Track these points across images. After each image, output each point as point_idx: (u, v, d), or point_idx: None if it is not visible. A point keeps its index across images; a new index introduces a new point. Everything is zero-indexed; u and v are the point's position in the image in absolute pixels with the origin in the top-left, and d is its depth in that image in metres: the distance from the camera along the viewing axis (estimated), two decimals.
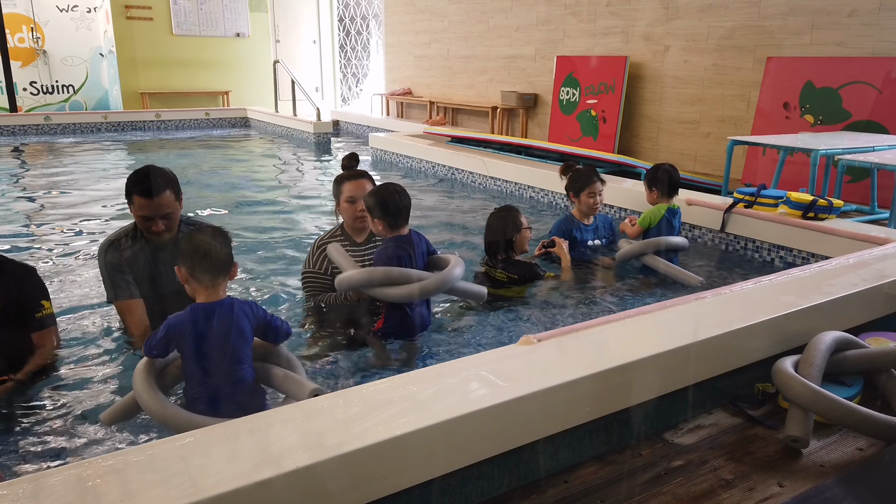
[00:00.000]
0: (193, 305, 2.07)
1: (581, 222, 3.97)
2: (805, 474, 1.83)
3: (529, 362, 1.89)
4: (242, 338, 2.08)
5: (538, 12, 8.77)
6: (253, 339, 2.14)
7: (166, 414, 1.94)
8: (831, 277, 2.70)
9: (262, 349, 2.21)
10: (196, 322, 2.03)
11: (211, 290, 2.07)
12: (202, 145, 9.73)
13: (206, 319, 2.04)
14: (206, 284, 2.06)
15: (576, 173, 3.99)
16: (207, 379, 2.04)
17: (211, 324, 2.04)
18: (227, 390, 2.05)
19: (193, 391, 2.07)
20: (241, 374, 2.08)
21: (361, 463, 1.46)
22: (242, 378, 2.08)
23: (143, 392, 1.97)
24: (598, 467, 1.87)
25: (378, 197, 2.76)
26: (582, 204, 3.93)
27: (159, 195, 2.67)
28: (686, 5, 6.83)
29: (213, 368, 2.04)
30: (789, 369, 2.01)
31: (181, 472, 1.36)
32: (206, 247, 2.05)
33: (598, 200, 3.92)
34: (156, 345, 2.04)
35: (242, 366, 2.08)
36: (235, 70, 12.95)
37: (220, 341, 2.04)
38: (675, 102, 7.15)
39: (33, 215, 5.49)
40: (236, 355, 2.06)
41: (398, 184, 2.85)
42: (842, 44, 5.59)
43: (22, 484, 1.32)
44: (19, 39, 11.34)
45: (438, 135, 8.01)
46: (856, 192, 5.20)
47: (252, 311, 2.12)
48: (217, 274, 2.07)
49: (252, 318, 2.11)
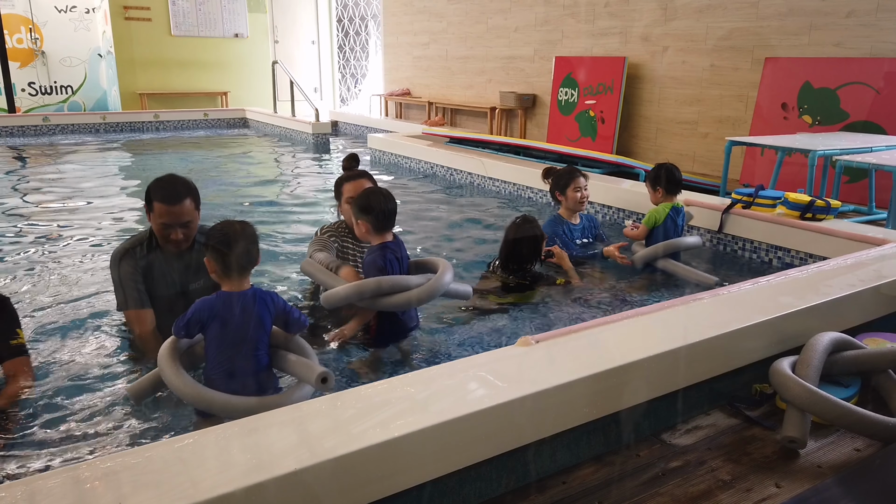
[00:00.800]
0: (220, 292, 2.22)
1: (569, 221, 3.98)
2: (802, 475, 1.84)
3: (527, 363, 1.90)
4: (262, 326, 2.22)
5: (537, 13, 8.77)
6: (271, 327, 2.27)
7: (186, 389, 2.08)
8: (829, 278, 2.70)
9: (279, 337, 2.32)
10: (221, 307, 2.18)
11: (237, 282, 2.21)
12: (201, 146, 9.73)
13: (230, 306, 2.18)
14: (233, 276, 2.20)
15: (558, 172, 4.03)
16: (226, 361, 2.19)
17: (234, 311, 2.18)
18: (244, 373, 2.20)
19: (212, 371, 2.21)
20: (257, 359, 2.22)
21: (359, 465, 1.46)
22: (258, 362, 2.23)
23: (166, 367, 2.12)
24: (596, 468, 1.87)
25: (365, 201, 2.74)
26: (569, 200, 3.94)
27: (180, 203, 2.69)
28: (684, 6, 6.84)
29: (233, 351, 2.19)
30: (787, 370, 2.02)
31: (179, 474, 1.36)
32: (235, 241, 2.18)
33: (584, 195, 3.93)
34: (184, 325, 2.17)
35: (259, 351, 2.22)
36: (234, 71, 12.95)
37: (241, 327, 2.18)
38: (673, 103, 7.16)
39: (29, 216, 5.48)
40: (255, 341, 2.21)
41: (384, 188, 2.84)
42: (840, 44, 5.60)
43: (19, 486, 1.32)
44: (18, 40, 11.34)
45: (437, 135, 8.02)
46: (854, 192, 5.20)
47: (273, 302, 2.26)
48: (244, 267, 2.21)
49: (272, 308, 2.25)
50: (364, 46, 14.29)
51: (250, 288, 2.23)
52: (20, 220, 5.27)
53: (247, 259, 2.20)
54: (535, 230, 3.49)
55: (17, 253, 4.35)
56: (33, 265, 4.08)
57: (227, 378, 2.18)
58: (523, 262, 3.49)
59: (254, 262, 2.24)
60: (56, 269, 4.02)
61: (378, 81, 13.24)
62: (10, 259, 4.21)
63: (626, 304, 3.40)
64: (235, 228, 2.23)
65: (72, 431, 2.21)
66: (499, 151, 6.87)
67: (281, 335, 2.32)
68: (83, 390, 2.48)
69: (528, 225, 3.53)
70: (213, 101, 12.78)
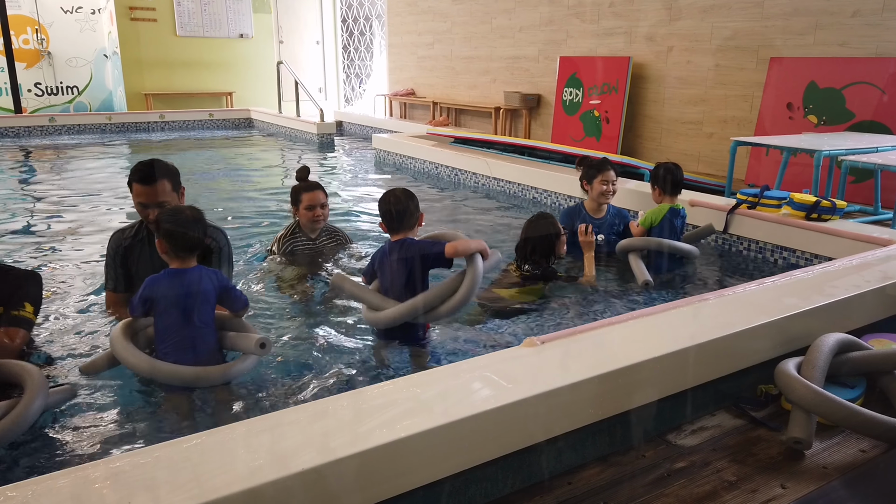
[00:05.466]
0: (167, 269, 2.43)
1: (590, 214, 3.98)
2: (808, 476, 1.84)
3: (533, 364, 1.90)
4: (207, 300, 2.42)
5: (541, 13, 8.77)
6: (216, 303, 2.46)
7: (138, 362, 2.27)
8: (834, 279, 2.70)
9: (224, 319, 2.51)
10: (169, 284, 2.37)
11: (184, 261, 2.42)
12: (206, 146, 9.75)
13: (177, 281, 2.38)
14: (181, 255, 2.41)
15: (589, 162, 4.07)
16: (174, 335, 2.36)
17: (181, 287, 2.37)
18: (191, 346, 2.37)
19: (162, 345, 2.38)
20: (203, 334, 2.41)
21: (366, 465, 1.47)
22: (204, 337, 2.41)
23: (117, 343, 2.32)
24: (602, 469, 1.88)
25: (380, 202, 2.83)
26: (594, 191, 3.95)
27: (156, 183, 2.84)
28: (689, 6, 6.83)
29: (179, 325, 2.36)
30: (792, 371, 2.02)
31: (187, 473, 1.37)
32: (183, 224, 2.39)
33: (610, 188, 3.93)
34: (137, 303, 2.35)
35: (205, 327, 2.41)
36: (239, 71, 12.98)
37: (187, 302, 2.37)
38: (678, 103, 7.15)
39: (37, 215, 5.51)
40: (201, 315, 2.40)
41: (402, 189, 2.86)
42: (845, 44, 5.59)
43: (29, 486, 1.34)
44: (24, 41, 11.39)
45: (441, 135, 8.02)
46: (859, 192, 5.19)
47: (217, 278, 2.46)
48: (191, 248, 2.42)
49: (216, 285, 2.45)
50: (368, 46, 14.31)
51: (196, 266, 2.44)
52: (24, 220, 5.30)
53: (193, 240, 2.41)
54: (550, 227, 3.50)
55: (19, 252, 4.37)
56: (35, 265, 4.10)
57: (175, 351, 2.35)
58: (539, 257, 3.49)
59: (200, 244, 2.46)
60: (61, 268, 4.03)
61: (382, 81, 13.25)
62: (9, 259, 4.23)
63: (633, 304, 3.39)
64: (185, 213, 2.45)
65: (80, 431, 2.22)
66: (503, 152, 6.87)
67: (226, 317, 2.51)
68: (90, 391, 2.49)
69: (544, 221, 3.53)
70: (218, 102, 12.80)
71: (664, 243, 3.69)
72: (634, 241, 3.75)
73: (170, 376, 2.30)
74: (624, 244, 3.75)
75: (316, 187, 3.78)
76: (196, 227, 2.44)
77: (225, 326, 2.51)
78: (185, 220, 2.41)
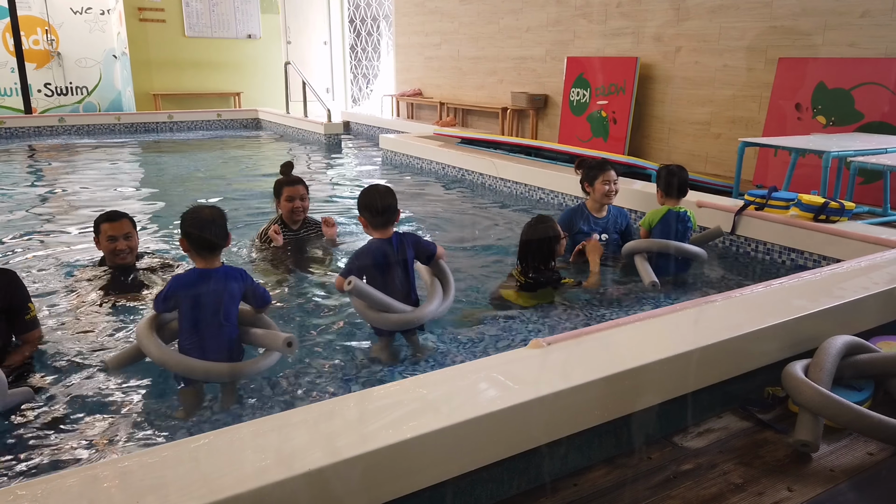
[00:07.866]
0: (193, 268, 2.46)
1: (592, 214, 3.98)
2: (815, 479, 1.83)
3: (539, 365, 1.90)
4: (232, 300, 2.45)
5: (548, 13, 8.76)
6: (240, 301, 2.49)
7: (164, 356, 2.31)
8: (842, 281, 2.69)
9: (246, 315, 2.54)
10: (195, 282, 2.41)
11: (208, 260, 2.44)
12: (214, 146, 9.78)
13: (203, 282, 2.41)
14: (205, 255, 2.43)
15: (589, 163, 4.07)
16: (199, 332, 2.39)
17: (207, 286, 2.40)
18: (215, 343, 2.40)
19: (186, 343, 2.41)
20: (227, 331, 2.44)
21: (372, 465, 1.47)
22: (228, 334, 2.44)
23: (144, 338, 2.35)
24: (608, 470, 1.88)
25: (362, 198, 2.82)
26: (596, 192, 3.95)
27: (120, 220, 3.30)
28: (697, 6, 6.81)
29: (205, 324, 2.39)
30: (799, 373, 2.01)
31: (194, 473, 1.38)
32: (205, 223, 2.41)
33: (612, 189, 3.94)
34: (162, 300, 2.38)
35: (228, 324, 2.44)
36: (247, 71, 13.02)
37: (213, 300, 2.39)
38: (685, 103, 7.12)
39: (45, 215, 5.54)
40: (225, 314, 2.42)
41: (384, 185, 2.88)
42: (854, 44, 5.56)
43: (38, 485, 1.35)
44: (34, 41, 11.47)
45: (448, 136, 8.02)
46: (868, 194, 5.16)
47: (242, 278, 2.49)
48: (214, 247, 2.43)
49: (241, 284, 2.48)
50: (376, 47, 14.33)
51: (221, 266, 2.46)
52: (33, 220, 5.33)
53: (216, 239, 2.43)
54: (548, 230, 3.48)
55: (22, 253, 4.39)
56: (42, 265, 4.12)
57: (199, 349, 2.37)
58: (539, 261, 3.48)
59: (223, 243, 2.46)
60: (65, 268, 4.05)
61: (390, 82, 13.26)
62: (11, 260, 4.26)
63: (639, 305, 3.39)
64: (206, 212, 2.46)
65: (88, 431, 2.23)
66: (510, 152, 6.87)
67: (248, 313, 2.54)
68: (99, 390, 2.51)
69: (543, 225, 3.52)
70: (226, 102, 12.85)
71: (671, 245, 3.68)
72: (640, 243, 3.74)
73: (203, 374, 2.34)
74: (630, 246, 3.74)
75: (297, 181, 4.00)
76: (218, 226, 2.45)
77: (248, 323, 2.54)
78: (208, 220, 2.44)
